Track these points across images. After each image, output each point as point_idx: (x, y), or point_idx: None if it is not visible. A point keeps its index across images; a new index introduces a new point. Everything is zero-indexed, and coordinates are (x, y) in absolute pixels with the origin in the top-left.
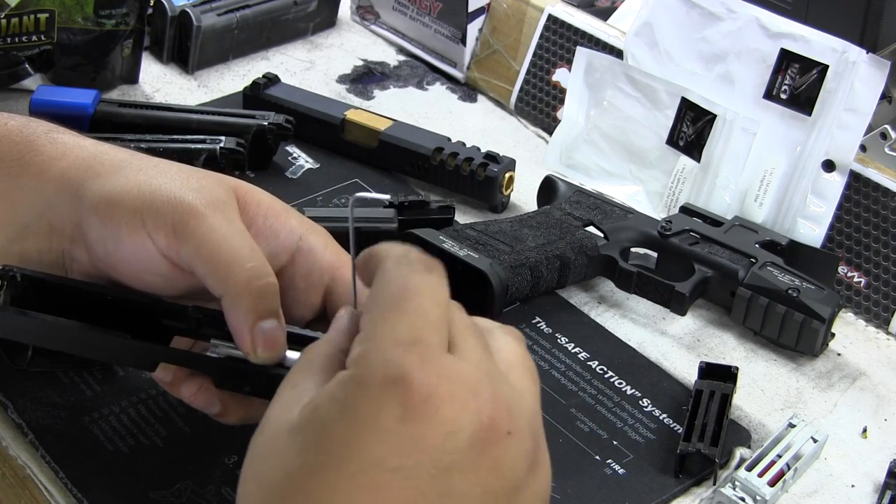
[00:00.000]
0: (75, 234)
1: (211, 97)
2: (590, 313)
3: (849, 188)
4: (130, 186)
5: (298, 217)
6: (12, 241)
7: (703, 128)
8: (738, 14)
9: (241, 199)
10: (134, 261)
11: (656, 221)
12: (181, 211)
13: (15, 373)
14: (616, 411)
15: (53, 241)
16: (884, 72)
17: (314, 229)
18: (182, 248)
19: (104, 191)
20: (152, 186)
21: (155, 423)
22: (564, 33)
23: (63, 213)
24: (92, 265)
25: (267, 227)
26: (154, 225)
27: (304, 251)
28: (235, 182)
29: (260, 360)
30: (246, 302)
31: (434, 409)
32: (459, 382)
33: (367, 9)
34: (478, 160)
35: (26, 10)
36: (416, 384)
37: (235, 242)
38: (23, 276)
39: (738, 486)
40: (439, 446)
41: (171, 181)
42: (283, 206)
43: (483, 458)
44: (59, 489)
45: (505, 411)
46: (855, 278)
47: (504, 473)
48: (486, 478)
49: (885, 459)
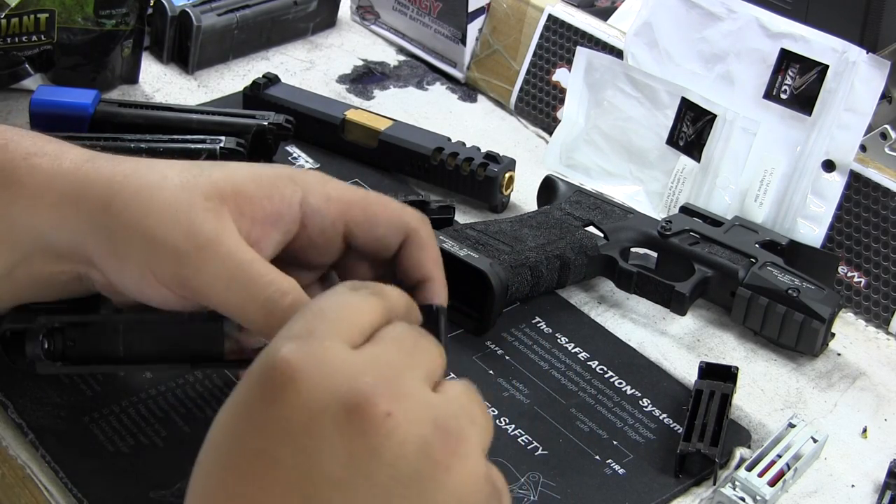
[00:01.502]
0: (87, 261)
1: (211, 97)
2: (590, 313)
3: (849, 188)
4: (130, 235)
5: (290, 182)
6: (17, 265)
7: (703, 128)
8: (738, 14)
9: (235, 205)
10: (155, 299)
11: (656, 221)
12: (180, 263)
13: (15, 373)
14: (616, 411)
15: (65, 265)
16: (884, 72)
17: (310, 187)
18: (195, 298)
19: (105, 240)
20: (146, 237)
21: (155, 423)
22: (564, 33)
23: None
24: (111, 284)
25: (267, 215)
26: (162, 279)
27: (309, 215)
28: (220, 191)
29: None
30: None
31: (296, 389)
32: (328, 362)
33: (367, 9)
34: (478, 160)
35: (26, 10)
36: (284, 367)
37: (241, 281)
38: (61, 323)
39: (738, 486)
40: (302, 424)
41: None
42: (271, 182)
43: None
44: (59, 489)
45: (383, 388)
46: (855, 278)
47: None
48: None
49: (885, 459)
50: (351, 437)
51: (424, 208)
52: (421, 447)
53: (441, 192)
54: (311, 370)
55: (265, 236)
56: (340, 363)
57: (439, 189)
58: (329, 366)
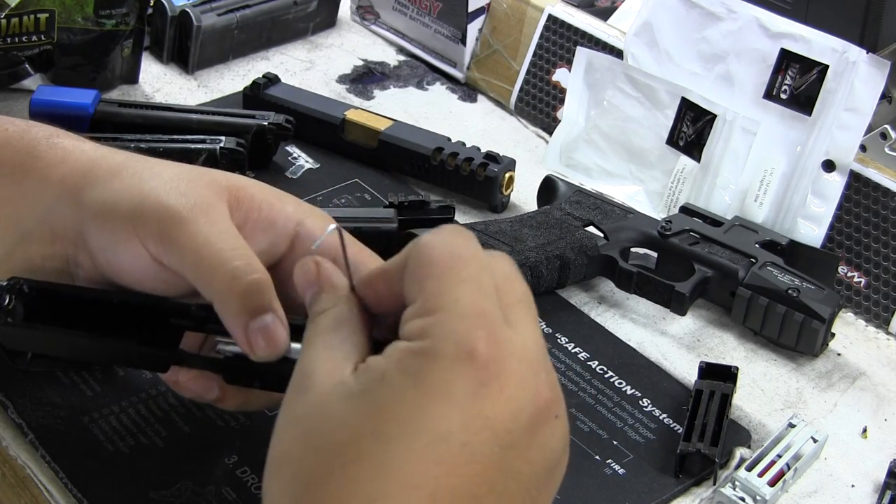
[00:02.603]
0: (78, 240)
1: (211, 97)
2: (590, 313)
3: (849, 188)
4: (124, 193)
5: (295, 203)
6: (15, 247)
7: (703, 128)
8: (738, 14)
9: (234, 195)
10: (134, 268)
11: (656, 221)
12: (165, 218)
13: (15, 373)
14: (616, 411)
15: (57, 248)
16: (884, 72)
17: (311, 213)
18: (169, 256)
19: (101, 199)
20: (142, 193)
21: (155, 423)
22: (564, 33)
23: (65, 219)
24: (96, 271)
25: (263, 218)
26: (144, 233)
27: (302, 236)
28: (228, 180)
29: (260, 358)
30: (233, 303)
31: (501, 386)
32: (524, 360)
33: (367, 9)
34: (478, 160)
35: (26, 10)
36: (487, 359)
37: (217, 245)
38: (30, 287)
39: (738, 486)
40: (505, 424)
41: (159, 186)
42: (278, 195)
43: (534, 438)
44: (59, 489)
45: (554, 393)
46: (855, 278)
47: (547, 455)
48: (534, 457)
49: (885, 459)
50: (535, 433)
51: (424, 208)
52: (564, 440)
53: (441, 192)
54: (510, 368)
55: (252, 238)
56: (527, 358)
57: (439, 189)
58: (520, 361)
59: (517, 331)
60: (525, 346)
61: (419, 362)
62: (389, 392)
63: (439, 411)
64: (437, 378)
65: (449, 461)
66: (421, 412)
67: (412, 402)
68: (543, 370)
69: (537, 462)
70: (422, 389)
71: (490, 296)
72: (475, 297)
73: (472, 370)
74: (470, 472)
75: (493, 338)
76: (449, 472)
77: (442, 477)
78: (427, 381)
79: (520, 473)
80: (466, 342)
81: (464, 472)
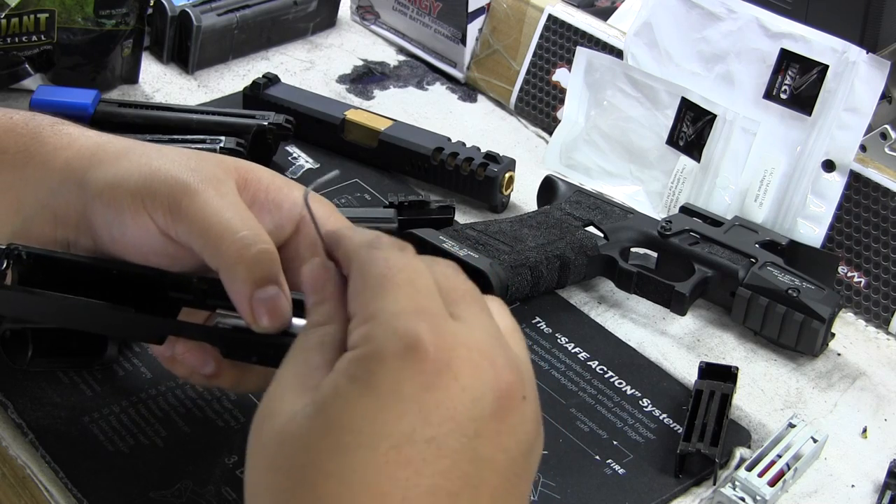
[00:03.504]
0: (80, 223)
1: (211, 97)
2: (590, 313)
3: (849, 188)
4: (132, 170)
5: (302, 189)
6: (18, 231)
7: (703, 128)
8: (738, 14)
9: (242, 177)
10: (139, 243)
11: (656, 221)
12: (176, 189)
13: (15, 373)
14: (616, 411)
15: (58, 231)
16: (884, 72)
17: (317, 199)
18: (178, 226)
19: (108, 176)
20: (152, 168)
21: (155, 423)
22: (564, 33)
23: (67, 202)
24: (98, 253)
25: (269, 200)
26: (153, 205)
27: (307, 221)
28: (236, 162)
29: (263, 329)
30: (241, 271)
31: (454, 375)
32: (474, 348)
33: (367, 9)
34: (478, 160)
35: (26, 10)
36: (433, 350)
37: (226, 215)
38: (28, 253)
39: (738, 486)
40: (466, 413)
41: (169, 163)
42: (285, 181)
43: (503, 424)
44: (59, 489)
45: (518, 376)
46: (855, 278)
47: (521, 438)
48: (506, 442)
49: (885, 459)
50: (502, 419)
51: (424, 208)
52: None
53: (441, 192)
54: (460, 356)
55: (259, 218)
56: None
57: (439, 189)
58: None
59: (464, 322)
60: (473, 336)
61: (364, 366)
62: (342, 403)
63: (395, 412)
64: (386, 378)
65: (416, 460)
66: (377, 416)
67: (366, 408)
68: (501, 356)
69: (512, 448)
70: (373, 393)
71: (428, 294)
72: (412, 296)
73: (420, 364)
74: (440, 468)
75: (436, 329)
76: (418, 472)
77: (412, 478)
78: (376, 383)
79: (494, 462)
80: (408, 336)
81: (433, 469)
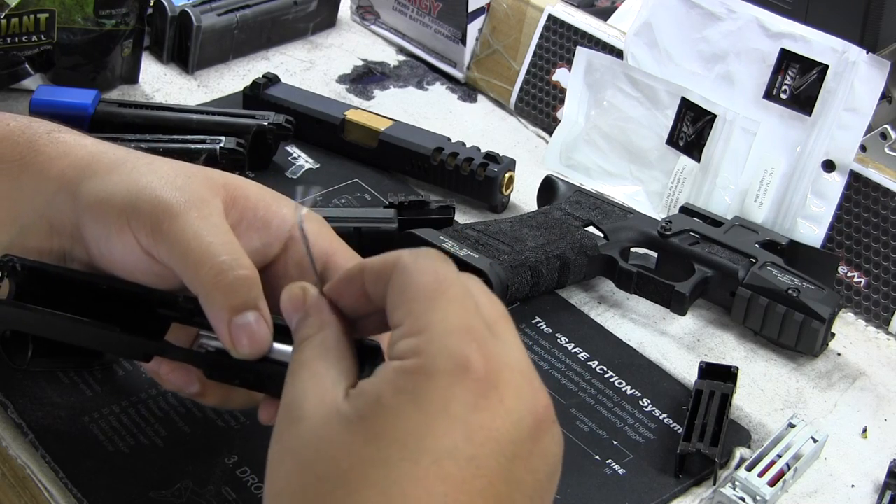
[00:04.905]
0: (75, 234)
1: (211, 97)
2: (590, 313)
3: (849, 188)
4: (120, 186)
5: (291, 206)
6: (14, 240)
7: (703, 128)
8: (738, 14)
9: (230, 194)
10: (126, 260)
11: (656, 221)
12: (158, 210)
13: (15, 373)
14: (616, 411)
15: (54, 241)
16: (884, 72)
17: (307, 216)
18: (159, 248)
19: (97, 190)
20: (139, 186)
21: (155, 423)
22: (564, 33)
23: (63, 212)
24: (92, 264)
25: (258, 218)
26: (137, 225)
27: (296, 239)
28: (225, 178)
29: (242, 355)
30: (217, 298)
31: (500, 398)
32: (517, 370)
33: (367, 9)
34: (478, 160)
35: (26, 10)
36: (483, 372)
37: (207, 239)
38: (23, 266)
39: (738, 486)
40: (508, 436)
41: (157, 180)
42: (275, 196)
43: (536, 446)
44: (59, 489)
45: (549, 400)
46: (855, 278)
47: (549, 461)
48: (536, 464)
49: (885, 459)
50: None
51: (424, 208)
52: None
53: (441, 192)
54: (505, 378)
55: (246, 237)
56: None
57: (439, 189)
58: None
59: (504, 343)
60: (514, 357)
61: (414, 381)
62: (388, 414)
63: (441, 428)
64: (435, 395)
65: (456, 477)
66: (423, 431)
67: (412, 422)
68: (537, 378)
69: (539, 470)
70: (421, 408)
71: (475, 313)
72: (462, 314)
73: (470, 383)
74: (478, 486)
75: (484, 350)
76: (457, 489)
77: (450, 494)
78: (425, 398)
79: (523, 483)
80: (460, 356)
81: (471, 487)
